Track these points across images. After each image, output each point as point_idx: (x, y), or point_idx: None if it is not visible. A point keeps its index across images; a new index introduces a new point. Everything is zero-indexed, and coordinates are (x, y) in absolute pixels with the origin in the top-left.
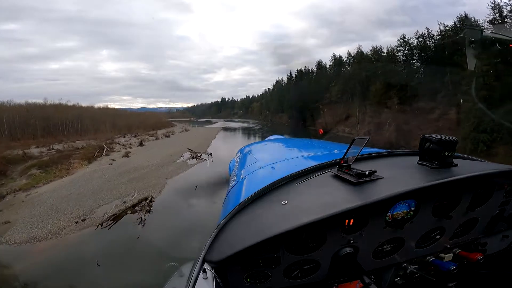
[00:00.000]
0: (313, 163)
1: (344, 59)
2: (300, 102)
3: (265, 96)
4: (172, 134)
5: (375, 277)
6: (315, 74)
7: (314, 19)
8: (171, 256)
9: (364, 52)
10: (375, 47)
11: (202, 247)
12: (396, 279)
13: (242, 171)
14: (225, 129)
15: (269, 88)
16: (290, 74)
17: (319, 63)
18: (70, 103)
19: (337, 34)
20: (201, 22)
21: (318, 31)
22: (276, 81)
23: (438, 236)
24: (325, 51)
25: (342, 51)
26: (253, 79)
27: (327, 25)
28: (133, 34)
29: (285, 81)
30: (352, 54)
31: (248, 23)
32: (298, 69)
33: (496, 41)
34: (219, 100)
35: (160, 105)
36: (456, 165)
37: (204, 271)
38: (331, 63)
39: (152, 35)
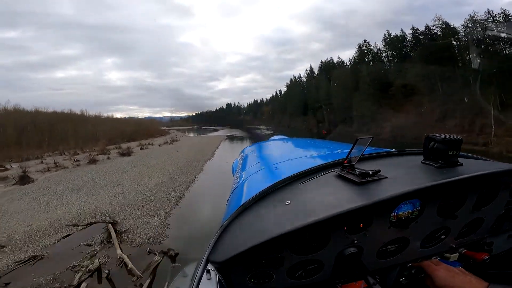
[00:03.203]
0: (316, 163)
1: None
2: (340, 99)
3: (276, 99)
4: (145, 147)
5: (380, 277)
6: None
7: (317, 23)
8: None
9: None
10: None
11: (206, 247)
12: (401, 279)
13: (245, 171)
14: (231, 138)
15: (280, 90)
16: (311, 68)
17: (361, 46)
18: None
19: (340, 38)
20: (203, 28)
21: (321, 34)
22: (291, 79)
23: (443, 236)
24: (329, 55)
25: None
26: (257, 86)
27: (331, 28)
28: (135, 40)
29: (303, 78)
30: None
31: (251, 28)
32: (325, 60)
33: None
34: (224, 106)
35: (167, 114)
36: (461, 164)
37: (208, 271)
38: (382, 45)
39: (155, 42)
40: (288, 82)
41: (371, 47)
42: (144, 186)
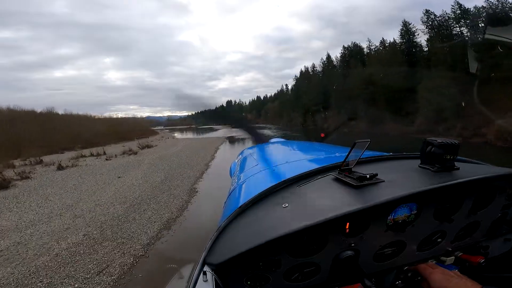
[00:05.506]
0: (314, 166)
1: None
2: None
3: (284, 95)
4: (74, 165)
5: (376, 280)
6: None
7: (317, 21)
8: None
9: None
10: None
11: (202, 249)
12: (397, 282)
13: (243, 173)
14: (232, 141)
15: (286, 85)
16: (328, 56)
17: (406, 24)
18: None
19: (342, 36)
20: (201, 26)
21: (322, 32)
22: (301, 71)
23: (439, 240)
24: (331, 54)
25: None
26: (258, 85)
27: (332, 26)
28: (133, 40)
29: (318, 67)
30: None
31: (251, 26)
32: (347, 45)
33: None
34: (224, 104)
35: (167, 113)
36: (458, 168)
37: (204, 273)
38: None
39: (153, 41)
40: (289, 81)
41: (438, 18)
42: None
